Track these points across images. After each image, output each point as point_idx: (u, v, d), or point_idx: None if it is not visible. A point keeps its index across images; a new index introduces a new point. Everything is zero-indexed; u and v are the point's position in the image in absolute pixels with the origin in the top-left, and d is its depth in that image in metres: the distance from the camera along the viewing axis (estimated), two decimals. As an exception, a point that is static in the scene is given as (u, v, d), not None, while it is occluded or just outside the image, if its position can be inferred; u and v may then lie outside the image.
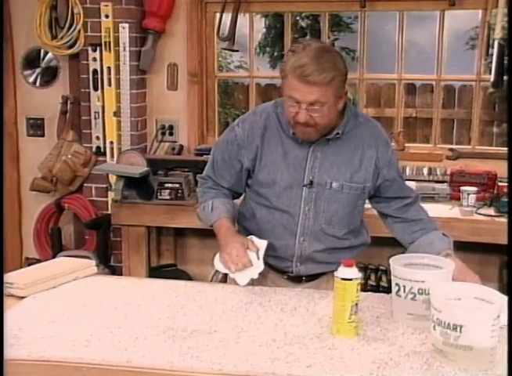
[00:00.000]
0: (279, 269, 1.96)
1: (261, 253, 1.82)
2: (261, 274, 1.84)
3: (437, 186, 3.10)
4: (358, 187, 1.87)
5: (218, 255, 1.86)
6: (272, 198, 1.89)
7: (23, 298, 1.73)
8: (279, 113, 1.87)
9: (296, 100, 1.71)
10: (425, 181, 3.20)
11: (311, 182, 1.85)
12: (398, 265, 1.59)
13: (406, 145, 3.43)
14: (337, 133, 1.83)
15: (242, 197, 2.04)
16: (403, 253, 1.91)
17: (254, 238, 1.87)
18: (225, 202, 1.95)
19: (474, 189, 2.85)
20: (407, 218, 1.96)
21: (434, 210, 2.85)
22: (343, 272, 1.48)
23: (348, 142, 1.85)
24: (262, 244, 1.84)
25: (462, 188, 2.88)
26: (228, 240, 1.84)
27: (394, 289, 1.58)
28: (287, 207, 1.87)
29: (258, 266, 1.80)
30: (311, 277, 1.96)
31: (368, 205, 2.88)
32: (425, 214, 1.99)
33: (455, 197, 2.98)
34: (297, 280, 1.95)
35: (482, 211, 2.82)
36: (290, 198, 1.87)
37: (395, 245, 2.91)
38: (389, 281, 3.04)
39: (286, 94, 1.74)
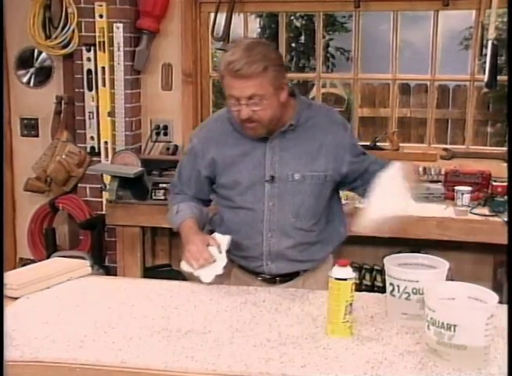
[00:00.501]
0: (251, 269, 1.94)
1: (223, 247, 1.81)
2: (235, 277, 1.83)
3: (431, 185, 3.10)
4: (319, 176, 1.86)
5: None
6: (235, 198, 1.90)
7: (16, 298, 1.72)
8: (231, 116, 1.88)
9: (235, 97, 1.72)
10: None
11: (273, 178, 1.85)
12: (392, 264, 1.59)
13: (401, 145, 3.43)
14: (291, 125, 1.84)
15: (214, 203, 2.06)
16: (398, 253, 1.91)
17: (216, 234, 1.86)
18: (192, 205, 1.96)
19: (469, 188, 2.86)
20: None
21: (428, 210, 2.88)
22: (337, 272, 1.48)
23: (305, 132, 1.86)
24: (224, 239, 1.82)
25: (456, 188, 2.89)
26: (189, 238, 1.84)
27: (389, 289, 1.59)
28: (251, 205, 1.88)
29: (221, 260, 1.79)
30: (286, 278, 1.94)
31: (363, 204, 2.90)
32: (378, 162, 1.97)
33: (449, 197, 2.99)
34: (271, 281, 1.93)
35: (476, 210, 2.83)
36: (253, 196, 1.87)
37: (390, 245, 2.93)
38: (384, 281, 3.03)
39: (226, 94, 1.76)
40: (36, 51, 3.56)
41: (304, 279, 1.96)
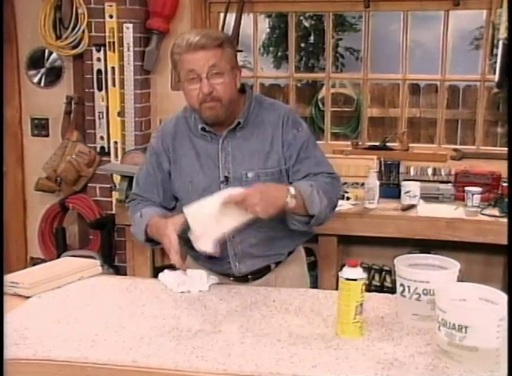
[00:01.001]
0: (222, 272, 1.91)
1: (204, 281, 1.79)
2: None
3: (441, 186, 3.10)
4: (273, 171, 1.83)
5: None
6: (192, 201, 1.85)
7: (28, 297, 1.73)
8: (187, 116, 1.88)
9: (195, 72, 1.72)
10: (429, 181, 3.21)
11: (227, 178, 1.84)
12: (402, 265, 1.58)
13: (410, 145, 3.43)
14: (239, 123, 1.82)
15: None
16: (408, 253, 1.91)
17: (191, 271, 1.82)
18: (156, 209, 1.90)
19: (479, 189, 2.85)
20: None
21: (438, 210, 2.88)
22: (347, 272, 1.47)
23: (256, 129, 1.84)
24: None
25: (466, 188, 2.88)
26: (159, 232, 1.79)
27: (399, 289, 1.58)
28: None
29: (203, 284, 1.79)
30: (258, 274, 1.92)
31: (372, 205, 2.90)
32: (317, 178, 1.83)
33: (459, 198, 2.98)
34: (243, 279, 1.91)
35: (487, 211, 2.82)
36: None
37: (399, 245, 2.93)
38: (393, 281, 3.05)
39: (184, 76, 1.75)
40: (47, 51, 3.59)
41: (276, 274, 1.93)
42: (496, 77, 3.00)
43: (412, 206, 2.93)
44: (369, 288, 2.81)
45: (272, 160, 1.83)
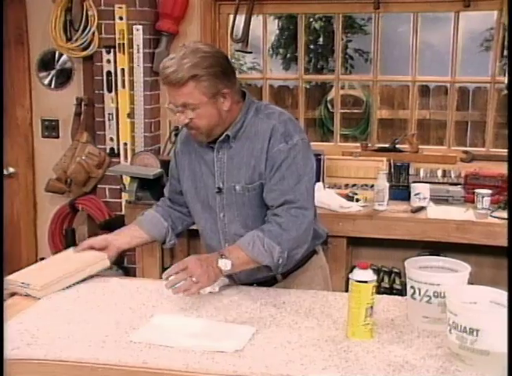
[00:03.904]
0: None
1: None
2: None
3: (451, 188, 3.09)
4: (256, 186, 1.78)
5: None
6: (195, 208, 1.91)
7: (39, 298, 1.74)
8: None
9: (173, 104, 1.72)
10: (439, 183, 3.19)
11: (220, 189, 1.83)
12: (413, 267, 1.58)
13: (420, 147, 3.42)
14: (227, 135, 1.78)
15: None
16: (417, 255, 1.90)
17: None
18: (156, 215, 2.00)
19: (489, 191, 2.84)
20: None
21: (448, 212, 2.87)
22: (358, 274, 1.47)
23: (248, 141, 1.78)
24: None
25: (476, 190, 2.87)
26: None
27: (410, 292, 1.58)
28: (209, 215, 1.88)
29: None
30: (264, 284, 1.87)
31: (382, 207, 2.90)
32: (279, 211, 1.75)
33: (469, 200, 2.97)
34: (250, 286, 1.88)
35: (497, 213, 2.80)
36: (208, 207, 1.87)
37: (409, 248, 2.92)
38: (402, 283, 3.04)
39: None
40: (57, 53, 3.61)
41: (285, 285, 1.89)
42: (506, 79, 2.98)
43: (422, 208, 2.92)
44: (379, 290, 2.79)
45: (256, 175, 1.77)
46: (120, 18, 3.34)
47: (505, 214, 2.79)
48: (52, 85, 3.67)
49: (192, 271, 1.64)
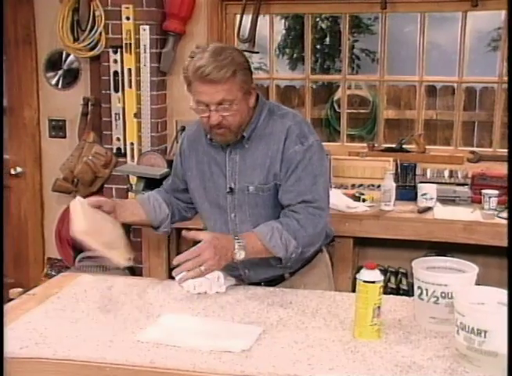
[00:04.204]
0: (234, 277, 1.90)
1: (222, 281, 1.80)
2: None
3: (458, 188, 3.08)
4: (270, 187, 1.79)
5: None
6: (204, 208, 1.91)
7: (48, 297, 1.74)
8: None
9: (204, 103, 1.69)
10: (446, 183, 3.19)
11: (232, 189, 1.82)
12: (420, 268, 1.58)
13: (427, 147, 3.41)
14: (243, 136, 1.79)
15: None
16: (424, 256, 1.90)
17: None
18: (157, 197, 2.00)
19: (496, 192, 2.83)
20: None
21: (455, 213, 2.86)
22: (365, 274, 1.47)
23: (262, 142, 1.79)
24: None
25: (483, 191, 2.86)
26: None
27: (417, 292, 1.57)
28: (219, 215, 1.88)
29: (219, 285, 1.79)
30: (271, 283, 1.89)
31: (388, 207, 2.89)
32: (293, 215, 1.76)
33: (476, 200, 2.96)
34: (257, 286, 1.89)
35: (504, 214, 2.79)
36: (218, 207, 1.87)
37: (416, 248, 2.91)
38: (409, 284, 3.03)
39: (194, 100, 1.72)
40: (64, 53, 3.62)
41: (292, 283, 1.90)
42: (507, 79, 2.97)
43: (429, 208, 2.91)
44: (385, 291, 2.79)
45: (271, 175, 1.79)
46: (127, 18, 3.35)
47: (512, 214, 2.78)
48: (60, 85, 3.68)
49: (204, 259, 1.62)
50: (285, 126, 1.78)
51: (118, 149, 3.50)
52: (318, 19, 5.65)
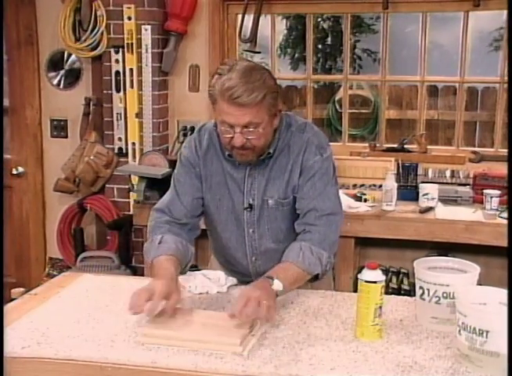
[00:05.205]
0: (246, 283, 1.87)
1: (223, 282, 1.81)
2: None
3: (459, 188, 3.08)
4: (290, 201, 1.79)
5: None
6: (218, 223, 1.87)
7: (50, 297, 1.75)
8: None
9: (229, 124, 1.64)
10: (448, 184, 3.19)
11: (251, 206, 1.81)
12: (422, 268, 1.58)
13: (429, 147, 3.40)
14: (269, 153, 1.76)
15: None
16: (426, 256, 1.90)
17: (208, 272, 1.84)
18: (177, 240, 1.76)
19: (498, 192, 2.82)
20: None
21: (456, 213, 2.86)
22: (367, 274, 1.47)
23: (280, 155, 1.78)
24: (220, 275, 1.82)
25: (485, 191, 2.86)
26: (153, 280, 1.62)
27: (419, 292, 1.57)
28: (235, 228, 1.85)
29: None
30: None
31: (390, 207, 2.89)
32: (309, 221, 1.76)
33: (478, 200, 2.96)
34: None
35: (505, 214, 2.79)
36: (233, 223, 1.85)
37: (417, 248, 2.91)
38: (411, 284, 3.03)
39: (219, 119, 1.67)
40: (66, 53, 3.62)
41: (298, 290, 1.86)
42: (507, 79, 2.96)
43: (430, 208, 2.91)
44: (387, 291, 2.79)
45: (290, 189, 1.79)
46: (129, 18, 3.35)
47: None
48: (61, 85, 3.68)
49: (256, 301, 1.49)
50: (304, 139, 1.78)
51: (120, 149, 3.50)
52: (319, 19, 5.65)
